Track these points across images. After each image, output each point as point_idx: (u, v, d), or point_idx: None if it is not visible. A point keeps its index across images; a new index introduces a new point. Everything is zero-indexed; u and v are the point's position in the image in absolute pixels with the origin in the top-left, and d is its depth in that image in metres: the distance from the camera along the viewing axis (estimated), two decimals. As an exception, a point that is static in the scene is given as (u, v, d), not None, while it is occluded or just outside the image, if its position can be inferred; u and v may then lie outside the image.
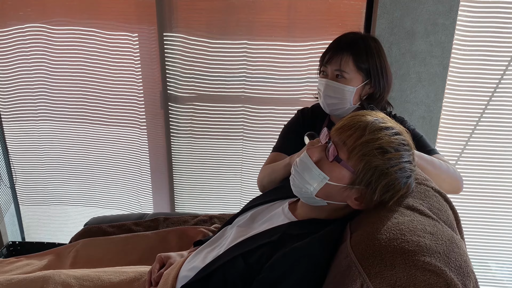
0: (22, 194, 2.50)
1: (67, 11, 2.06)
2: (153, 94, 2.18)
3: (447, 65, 1.82)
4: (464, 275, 0.76)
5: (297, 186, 1.00)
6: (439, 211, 0.94)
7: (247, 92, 2.10)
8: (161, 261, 1.20)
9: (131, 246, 1.50)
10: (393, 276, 0.75)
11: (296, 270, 0.90)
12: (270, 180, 1.39)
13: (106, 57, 2.13)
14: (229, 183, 2.33)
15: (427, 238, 0.81)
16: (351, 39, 1.34)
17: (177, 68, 2.10)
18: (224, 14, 1.99)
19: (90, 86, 2.20)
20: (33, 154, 2.39)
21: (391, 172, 0.91)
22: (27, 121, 2.32)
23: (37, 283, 1.17)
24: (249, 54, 2.03)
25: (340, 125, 0.97)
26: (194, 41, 2.04)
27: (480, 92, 1.92)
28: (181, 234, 1.54)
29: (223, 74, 2.08)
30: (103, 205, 2.47)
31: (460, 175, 1.30)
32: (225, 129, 2.20)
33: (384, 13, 1.77)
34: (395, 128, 0.94)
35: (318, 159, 0.96)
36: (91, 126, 2.29)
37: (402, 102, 1.88)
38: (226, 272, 0.98)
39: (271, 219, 1.08)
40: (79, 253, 1.47)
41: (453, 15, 1.74)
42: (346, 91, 1.33)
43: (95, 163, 2.37)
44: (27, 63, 2.19)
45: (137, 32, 2.07)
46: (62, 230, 2.56)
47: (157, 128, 2.25)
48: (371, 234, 0.85)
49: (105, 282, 1.18)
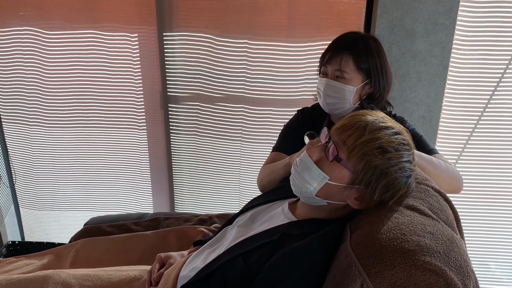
0: (22, 194, 2.50)
1: (66, 11, 2.06)
2: (153, 94, 2.18)
3: (447, 65, 1.82)
4: (464, 275, 0.76)
5: (297, 186, 0.99)
6: (439, 210, 0.94)
7: (247, 93, 2.10)
8: (161, 261, 1.20)
9: (130, 246, 1.49)
10: (393, 276, 0.75)
11: (295, 270, 0.90)
12: (270, 180, 1.39)
13: (106, 58, 2.13)
14: (229, 183, 2.32)
15: (427, 237, 0.81)
16: (351, 39, 1.34)
17: (177, 68, 2.10)
18: (224, 14, 1.99)
19: (90, 87, 2.20)
20: (33, 154, 2.39)
21: (391, 171, 0.91)
22: (26, 121, 2.32)
23: (37, 283, 1.17)
24: (249, 54, 2.02)
25: (340, 125, 0.97)
26: (194, 41, 2.04)
27: (480, 92, 1.92)
28: (181, 234, 1.54)
29: (223, 74, 2.08)
30: (103, 205, 2.47)
31: (460, 174, 1.30)
32: (225, 129, 2.20)
33: (384, 13, 1.77)
34: (395, 127, 0.94)
35: (318, 158, 0.96)
36: (92, 127, 2.29)
37: (402, 102, 1.88)
38: (226, 272, 0.98)
39: (271, 219, 1.08)
40: (78, 253, 1.47)
41: (453, 14, 1.75)
42: (346, 91, 1.33)
43: (95, 164, 2.37)
44: (25, 64, 2.18)
45: (137, 32, 2.07)
46: (62, 230, 2.56)
47: (157, 128, 2.25)
48: (371, 233, 0.85)
49: (105, 282, 1.18)
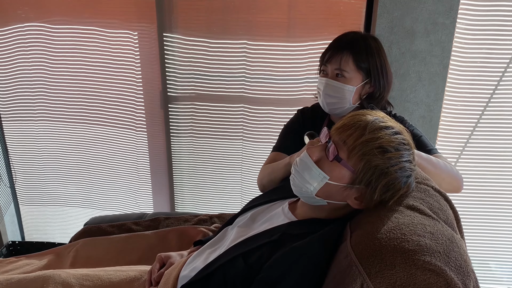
0: (22, 194, 2.50)
1: (66, 10, 2.06)
2: (153, 94, 2.18)
3: (447, 64, 1.82)
4: (464, 275, 0.76)
5: (297, 186, 0.99)
6: (439, 210, 0.94)
7: (246, 92, 2.09)
8: (161, 260, 1.20)
9: (131, 246, 1.49)
10: (393, 276, 0.75)
11: (295, 269, 0.89)
12: (270, 179, 1.39)
13: (105, 57, 2.13)
14: (229, 183, 2.32)
15: (427, 237, 0.81)
16: (351, 38, 1.34)
17: (177, 68, 2.09)
18: (223, 13, 1.98)
19: (89, 87, 2.20)
20: (33, 154, 2.39)
21: (391, 171, 0.91)
22: (26, 121, 2.32)
23: (37, 283, 1.17)
24: (248, 53, 2.02)
25: (340, 125, 0.96)
26: (194, 40, 2.04)
27: (480, 92, 1.92)
28: (181, 233, 1.54)
29: (223, 73, 2.08)
30: (103, 205, 2.47)
31: (460, 174, 1.30)
32: (225, 129, 2.20)
33: (384, 13, 1.76)
34: (395, 127, 0.94)
35: (318, 158, 0.96)
36: (91, 126, 2.29)
37: (402, 102, 1.88)
38: (226, 272, 0.97)
39: (271, 219, 1.08)
40: (79, 252, 1.47)
41: (453, 14, 1.74)
42: (346, 91, 1.33)
43: (95, 163, 2.37)
44: (26, 63, 2.18)
45: (137, 30, 2.06)
46: (62, 229, 2.56)
47: (157, 128, 2.25)
48: (371, 233, 0.85)
49: (105, 282, 1.18)
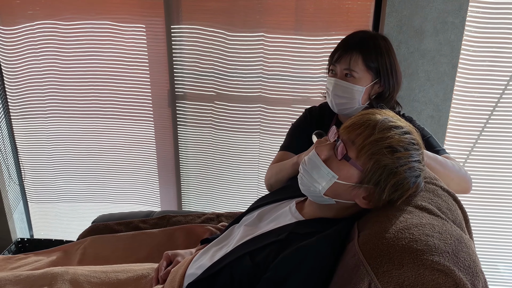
0: (30, 191, 2.52)
1: (74, 7, 2.07)
2: (161, 92, 2.19)
3: (456, 64, 1.81)
4: (473, 275, 0.76)
5: (306, 185, 0.99)
6: (448, 210, 0.93)
7: (262, 91, 2.09)
8: (168, 258, 1.21)
9: (138, 244, 1.50)
10: (401, 275, 0.75)
11: (302, 268, 0.89)
12: (277, 179, 1.39)
13: (114, 53, 2.14)
14: (236, 182, 2.33)
15: (435, 237, 0.81)
16: (360, 38, 1.33)
17: (186, 64, 2.10)
18: (230, 9, 1.98)
19: (98, 85, 2.22)
20: (41, 152, 2.41)
21: (400, 171, 0.90)
22: (35, 118, 2.34)
23: (45, 280, 1.18)
24: (266, 48, 2.01)
25: (349, 124, 0.96)
26: (204, 34, 2.04)
27: (490, 91, 1.91)
28: (188, 232, 1.54)
29: (237, 71, 2.08)
30: (110, 203, 2.49)
31: (469, 175, 1.29)
32: (233, 127, 2.20)
33: (393, 12, 1.76)
34: (405, 127, 0.94)
35: (327, 157, 0.96)
36: (98, 124, 2.31)
37: (411, 101, 1.87)
38: (233, 270, 0.98)
39: (278, 218, 1.08)
40: (86, 250, 1.48)
41: (463, 13, 1.73)
42: (355, 91, 1.32)
43: (102, 161, 2.39)
44: (36, 61, 2.20)
45: (144, 24, 2.07)
46: (70, 227, 2.58)
47: (164, 126, 2.26)
48: (379, 233, 0.85)
49: (112, 279, 1.19)
